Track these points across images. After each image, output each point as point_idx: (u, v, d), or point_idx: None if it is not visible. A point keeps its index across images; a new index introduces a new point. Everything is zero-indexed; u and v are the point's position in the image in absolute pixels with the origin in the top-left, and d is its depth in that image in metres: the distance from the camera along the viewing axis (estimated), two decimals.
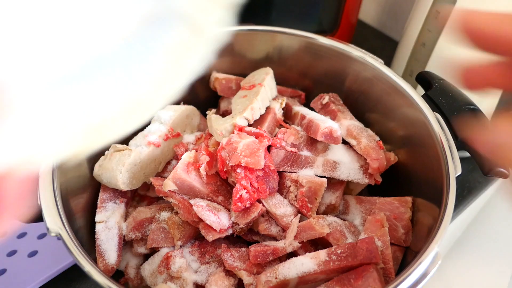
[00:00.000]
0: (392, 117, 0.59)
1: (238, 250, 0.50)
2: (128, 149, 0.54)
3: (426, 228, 0.47)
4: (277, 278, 0.44)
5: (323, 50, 0.63)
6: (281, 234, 0.51)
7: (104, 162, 0.54)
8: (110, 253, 0.50)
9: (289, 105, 0.62)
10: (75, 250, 0.40)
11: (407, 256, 0.50)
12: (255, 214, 0.49)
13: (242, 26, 0.64)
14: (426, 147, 0.52)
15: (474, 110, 0.55)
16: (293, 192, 0.53)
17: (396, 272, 0.47)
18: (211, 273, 0.49)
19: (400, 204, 0.52)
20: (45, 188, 0.44)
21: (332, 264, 0.43)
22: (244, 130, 0.53)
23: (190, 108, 0.64)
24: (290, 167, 0.54)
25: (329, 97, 0.62)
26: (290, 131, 0.55)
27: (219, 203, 0.52)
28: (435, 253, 0.40)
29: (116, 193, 0.55)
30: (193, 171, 0.52)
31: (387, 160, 0.55)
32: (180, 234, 0.51)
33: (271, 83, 0.62)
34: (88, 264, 0.40)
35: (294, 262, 0.45)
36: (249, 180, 0.49)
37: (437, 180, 0.48)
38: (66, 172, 0.49)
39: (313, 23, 0.87)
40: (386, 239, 0.48)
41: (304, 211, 0.52)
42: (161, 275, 0.49)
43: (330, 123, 0.54)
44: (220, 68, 0.68)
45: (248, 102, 0.57)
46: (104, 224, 0.52)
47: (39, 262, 0.58)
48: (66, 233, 0.41)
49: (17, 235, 0.62)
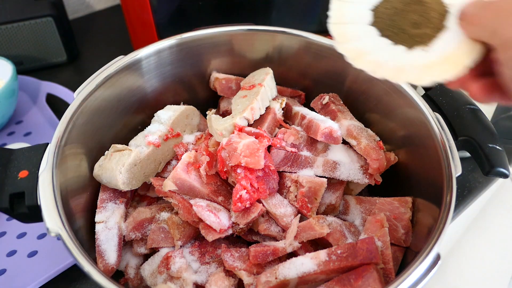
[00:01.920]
0: (392, 117, 0.59)
1: (238, 250, 0.50)
2: (128, 149, 0.54)
3: (426, 228, 0.47)
4: (277, 278, 0.44)
5: (323, 50, 0.63)
6: (281, 234, 0.51)
7: (104, 162, 0.54)
8: (110, 253, 0.50)
9: (289, 105, 0.62)
10: (75, 250, 0.40)
11: (407, 256, 0.50)
12: (255, 214, 0.49)
13: (242, 26, 0.64)
14: (426, 147, 0.52)
15: (474, 110, 0.55)
16: (293, 192, 0.53)
17: (396, 272, 0.47)
18: (211, 273, 0.49)
19: (400, 204, 0.52)
20: (45, 188, 0.44)
21: (332, 264, 0.43)
22: (244, 130, 0.53)
23: (190, 108, 0.64)
24: (290, 167, 0.54)
25: (329, 97, 0.62)
26: (290, 131, 0.55)
27: (219, 203, 0.52)
28: (435, 253, 0.40)
29: (116, 193, 0.55)
30: (193, 171, 0.52)
31: (387, 160, 0.55)
32: (180, 234, 0.51)
33: (271, 83, 0.62)
34: (88, 264, 0.40)
35: (294, 262, 0.45)
36: (249, 180, 0.49)
37: (437, 180, 0.48)
38: (66, 172, 0.49)
39: (313, 23, 0.87)
40: (386, 239, 0.48)
41: (304, 211, 0.52)
42: (161, 275, 0.49)
43: (330, 123, 0.54)
44: (220, 68, 0.68)
45: (248, 102, 0.57)
46: (104, 224, 0.52)
47: (39, 262, 0.58)
48: (66, 233, 0.41)
49: (17, 235, 0.62)
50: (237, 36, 0.65)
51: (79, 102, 0.53)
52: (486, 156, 0.50)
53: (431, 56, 0.38)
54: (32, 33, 0.88)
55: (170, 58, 0.63)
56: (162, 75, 0.64)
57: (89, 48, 1.02)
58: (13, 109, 0.79)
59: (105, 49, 1.02)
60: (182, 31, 0.63)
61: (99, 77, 0.56)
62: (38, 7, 0.87)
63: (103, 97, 0.56)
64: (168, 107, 0.63)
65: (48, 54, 0.93)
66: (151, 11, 0.76)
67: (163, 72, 0.64)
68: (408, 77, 0.38)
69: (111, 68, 0.57)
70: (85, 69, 0.96)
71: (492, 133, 0.52)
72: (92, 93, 0.54)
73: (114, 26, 1.09)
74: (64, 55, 0.95)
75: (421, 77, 0.38)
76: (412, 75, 0.38)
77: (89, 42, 1.04)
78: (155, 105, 0.65)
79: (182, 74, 0.66)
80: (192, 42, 0.63)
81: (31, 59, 0.92)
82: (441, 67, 0.37)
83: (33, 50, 0.91)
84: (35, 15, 0.86)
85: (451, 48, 0.37)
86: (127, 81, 0.60)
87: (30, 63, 0.93)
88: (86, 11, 1.14)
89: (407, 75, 0.38)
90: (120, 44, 1.03)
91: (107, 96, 0.57)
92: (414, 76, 0.38)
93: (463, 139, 0.52)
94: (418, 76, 0.38)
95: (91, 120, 0.55)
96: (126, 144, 0.58)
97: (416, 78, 0.38)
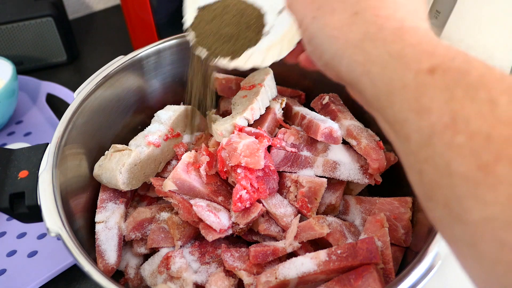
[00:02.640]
0: None
1: (238, 250, 0.50)
2: (128, 149, 0.54)
3: (426, 228, 0.47)
4: (277, 278, 0.44)
5: None
6: (281, 234, 0.51)
7: (104, 162, 0.54)
8: (110, 253, 0.50)
9: (289, 105, 0.62)
10: (75, 250, 0.40)
11: (407, 256, 0.50)
12: (255, 214, 0.49)
13: None
14: None
15: None
16: (293, 192, 0.53)
17: (396, 272, 0.47)
18: (211, 273, 0.49)
19: (400, 204, 0.52)
20: (45, 188, 0.44)
21: (332, 264, 0.43)
22: (244, 130, 0.53)
23: (190, 108, 0.64)
24: (290, 167, 0.54)
25: (329, 97, 0.62)
26: (290, 131, 0.55)
27: (219, 203, 0.52)
28: (435, 253, 0.40)
29: (116, 193, 0.55)
30: (193, 171, 0.52)
31: (387, 160, 0.55)
32: (180, 234, 0.51)
33: (271, 83, 0.62)
34: (88, 264, 0.40)
35: (294, 262, 0.45)
36: (249, 180, 0.49)
37: None
38: (66, 172, 0.49)
39: None
40: (386, 239, 0.48)
41: (304, 211, 0.52)
42: (161, 275, 0.49)
43: (330, 123, 0.54)
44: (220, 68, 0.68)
45: (248, 102, 0.57)
46: (104, 224, 0.52)
47: (39, 262, 0.58)
48: (66, 233, 0.41)
49: (17, 235, 0.62)
50: None
51: (79, 102, 0.53)
52: None
53: (271, 40, 0.45)
54: (32, 33, 0.88)
55: (170, 58, 0.63)
56: (162, 75, 0.64)
57: (89, 48, 1.02)
58: (13, 109, 0.79)
59: (105, 49, 1.02)
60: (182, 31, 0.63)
61: (99, 77, 0.56)
62: (38, 7, 0.87)
63: (103, 97, 0.56)
64: (168, 107, 0.63)
65: (48, 54, 0.93)
66: (151, 11, 0.76)
67: (163, 72, 0.64)
68: (254, 60, 0.45)
69: (111, 68, 0.57)
70: (85, 69, 0.96)
71: None
72: (92, 93, 0.54)
73: (114, 26, 1.09)
74: (64, 55, 0.95)
75: (265, 59, 0.45)
76: (257, 59, 0.45)
77: (89, 42, 1.04)
78: (155, 105, 0.65)
79: (182, 74, 0.66)
80: None
81: (31, 59, 0.92)
82: (279, 46, 0.44)
83: (33, 50, 0.91)
84: (35, 15, 0.86)
85: (284, 29, 0.45)
86: (127, 81, 0.60)
87: (30, 63, 0.93)
88: (86, 11, 1.14)
89: (253, 60, 0.45)
90: (120, 44, 1.03)
91: (107, 96, 0.57)
92: (259, 59, 0.45)
93: None
94: (262, 59, 0.45)
95: (91, 120, 0.55)
96: (126, 144, 0.58)
97: (261, 61, 0.45)
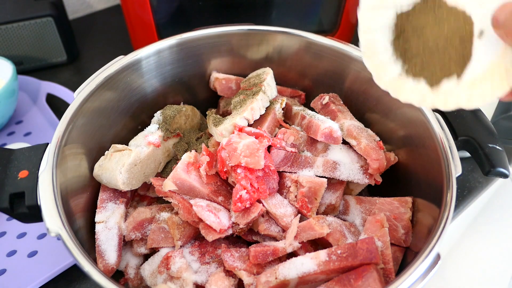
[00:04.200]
0: (392, 117, 0.59)
1: (238, 250, 0.50)
2: (128, 149, 0.54)
3: (426, 228, 0.47)
4: (277, 278, 0.44)
5: (323, 50, 0.63)
6: (281, 234, 0.51)
7: (104, 162, 0.54)
8: (110, 253, 0.50)
9: (289, 105, 0.62)
10: (75, 250, 0.40)
11: (407, 256, 0.50)
12: (255, 214, 0.49)
13: (242, 26, 0.64)
14: (426, 147, 0.52)
15: (474, 110, 0.55)
16: (293, 192, 0.53)
17: (396, 272, 0.47)
18: (211, 273, 0.49)
19: (400, 204, 0.52)
20: (45, 188, 0.44)
21: (332, 264, 0.43)
22: (244, 130, 0.53)
23: (190, 108, 0.64)
24: (290, 167, 0.54)
25: (329, 97, 0.62)
26: (290, 131, 0.55)
27: (219, 203, 0.52)
28: (435, 253, 0.40)
29: (116, 193, 0.55)
30: (193, 171, 0.52)
31: (387, 160, 0.55)
32: (180, 234, 0.51)
33: (271, 83, 0.62)
34: (88, 264, 0.40)
35: (294, 262, 0.45)
36: (249, 180, 0.49)
37: (437, 180, 0.48)
38: (66, 172, 0.49)
39: (313, 23, 0.87)
40: (386, 239, 0.48)
41: (304, 211, 0.52)
42: (161, 275, 0.49)
43: (330, 123, 0.54)
44: (220, 68, 0.68)
45: (248, 102, 0.57)
46: (104, 224, 0.52)
47: (39, 262, 0.58)
48: (66, 233, 0.41)
49: (17, 235, 0.62)
50: (237, 36, 0.65)
51: (79, 102, 0.53)
52: (486, 156, 0.50)
53: (474, 73, 0.34)
54: (32, 33, 0.88)
55: (170, 58, 0.63)
56: (162, 75, 0.64)
57: (89, 48, 1.02)
58: (13, 109, 0.79)
59: (105, 49, 1.02)
60: (182, 31, 0.63)
61: (99, 77, 0.56)
62: (38, 7, 0.87)
63: (103, 97, 0.56)
64: (168, 107, 0.63)
65: (48, 54, 0.93)
66: (151, 11, 0.76)
67: (163, 72, 0.64)
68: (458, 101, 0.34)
69: (111, 68, 0.57)
70: (85, 69, 0.96)
71: (492, 133, 0.52)
72: (92, 93, 0.54)
73: (114, 26, 1.09)
74: (64, 55, 0.95)
75: (471, 98, 0.34)
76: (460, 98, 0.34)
77: (89, 42, 1.04)
78: (155, 105, 0.65)
79: (182, 74, 0.66)
80: (192, 42, 0.63)
81: (31, 59, 0.92)
82: (488, 82, 0.33)
83: (33, 50, 0.91)
84: (35, 15, 0.86)
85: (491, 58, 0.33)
86: (127, 81, 0.60)
87: (30, 63, 0.93)
88: (86, 11, 1.14)
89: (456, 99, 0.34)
90: (120, 44, 1.03)
91: (107, 96, 0.57)
92: (463, 99, 0.34)
93: (463, 139, 0.52)
94: (467, 98, 0.34)
95: (91, 120, 0.55)
96: (126, 144, 0.58)
97: (466, 100, 0.34)
